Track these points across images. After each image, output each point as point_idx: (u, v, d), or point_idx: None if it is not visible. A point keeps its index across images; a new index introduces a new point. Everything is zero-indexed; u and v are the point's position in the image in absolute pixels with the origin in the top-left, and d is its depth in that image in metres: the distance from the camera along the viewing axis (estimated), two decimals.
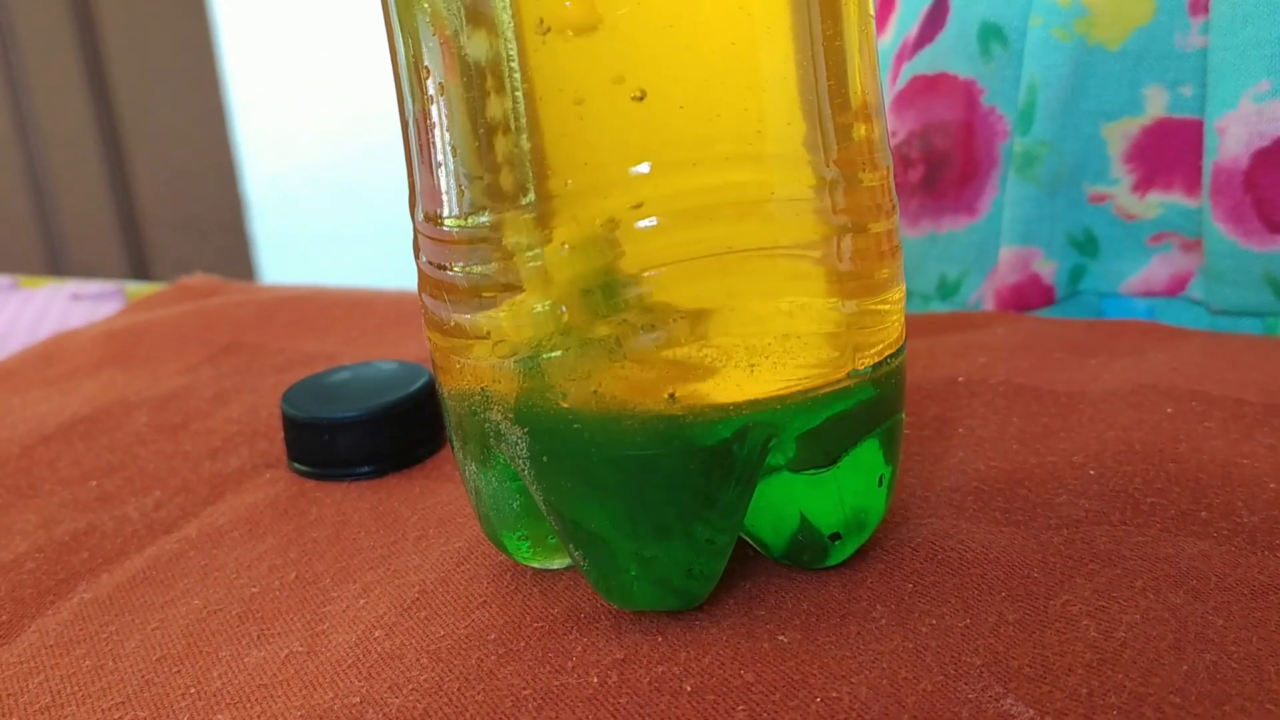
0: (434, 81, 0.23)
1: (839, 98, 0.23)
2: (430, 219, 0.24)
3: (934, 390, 0.35)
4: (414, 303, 0.49)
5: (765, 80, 0.22)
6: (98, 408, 0.40)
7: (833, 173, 0.23)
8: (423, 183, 0.24)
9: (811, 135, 0.22)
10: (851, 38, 0.23)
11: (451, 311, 0.24)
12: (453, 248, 0.23)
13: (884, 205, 0.24)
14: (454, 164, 0.23)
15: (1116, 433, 0.31)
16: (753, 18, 0.21)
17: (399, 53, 0.24)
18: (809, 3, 0.22)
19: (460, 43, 0.22)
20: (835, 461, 0.24)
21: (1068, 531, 0.27)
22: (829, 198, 0.22)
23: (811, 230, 0.22)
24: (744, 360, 0.22)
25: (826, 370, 0.23)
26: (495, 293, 0.23)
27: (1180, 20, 0.39)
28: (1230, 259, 0.40)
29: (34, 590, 0.29)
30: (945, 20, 0.44)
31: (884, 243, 0.24)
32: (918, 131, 0.45)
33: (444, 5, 0.22)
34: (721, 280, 0.22)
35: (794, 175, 0.22)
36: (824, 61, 0.22)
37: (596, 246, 0.22)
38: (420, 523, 0.31)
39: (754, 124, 0.22)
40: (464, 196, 0.23)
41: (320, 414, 0.34)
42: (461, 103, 0.22)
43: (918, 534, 0.27)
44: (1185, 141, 0.40)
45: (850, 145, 0.23)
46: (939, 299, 0.48)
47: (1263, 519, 0.27)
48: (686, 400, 0.22)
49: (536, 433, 0.23)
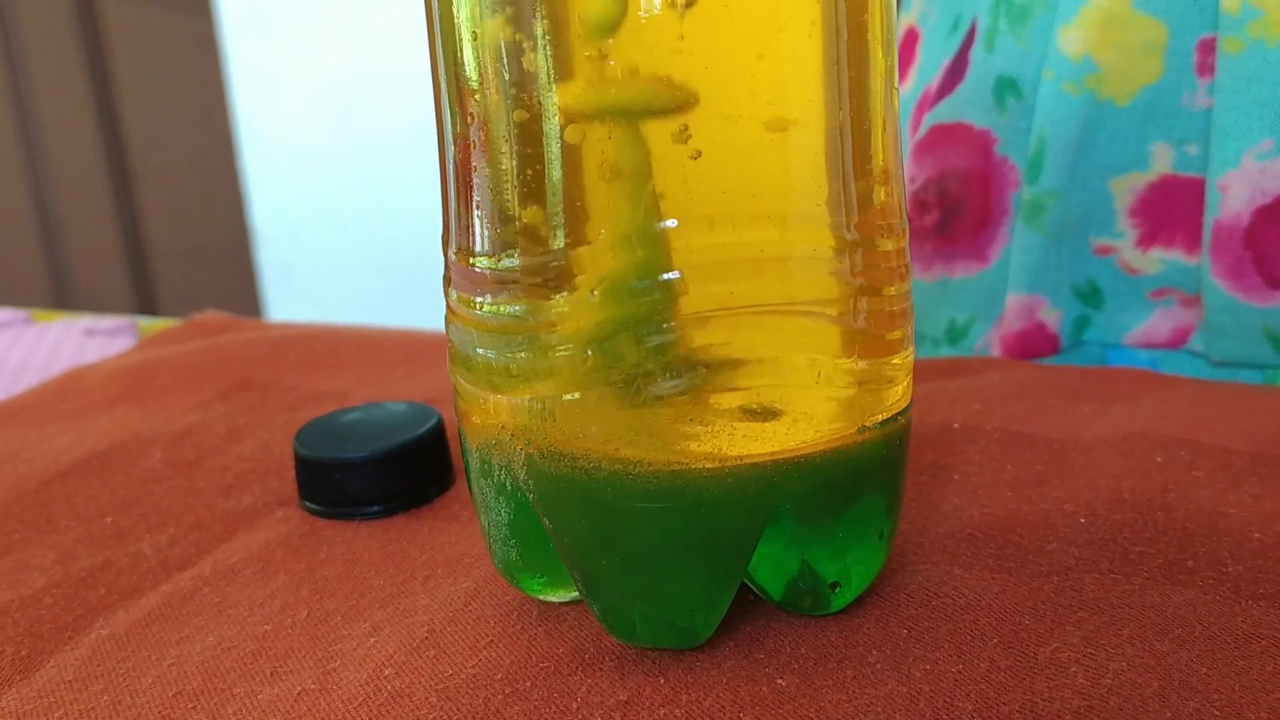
0: (476, 128, 0.23)
1: (863, 164, 0.24)
2: (462, 257, 0.25)
3: (930, 436, 0.36)
4: (422, 341, 0.50)
5: (795, 145, 0.23)
6: (113, 443, 0.41)
7: (853, 235, 0.24)
8: (457, 220, 0.25)
9: (835, 199, 0.23)
10: (877, 110, 0.24)
11: (477, 348, 0.25)
12: (483, 286, 0.24)
13: (899, 270, 0.25)
14: (490, 206, 0.24)
15: (1107, 481, 0.32)
16: (787, 86, 0.22)
17: (443, 94, 0.25)
18: (840, 76, 0.23)
19: (505, 90, 0.23)
20: (839, 514, 0.25)
21: (1058, 579, 0.28)
22: (848, 260, 0.24)
23: (830, 290, 0.23)
24: (759, 415, 0.23)
25: (838, 426, 0.24)
26: (521, 333, 0.24)
27: (1188, 80, 0.40)
28: (1229, 314, 0.41)
29: (52, 625, 0.30)
30: (965, 73, 0.45)
31: (897, 305, 0.25)
32: (934, 178, 0.47)
33: (490, 55, 0.23)
34: (742, 334, 0.23)
35: (816, 236, 0.23)
36: (851, 132, 0.23)
37: (623, 295, 0.23)
38: (429, 562, 0.32)
39: (781, 186, 0.23)
40: (497, 238, 0.24)
41: (332, 454, 0.35)
42: (502, 148, 0.23)
43: (913, 580, 0.28)
44: (1188, 199, 0.41)
45: (870, 210, 0.24)
46: (948, 344, 0.49)
47: (1247, 568, 0.28)
48: (700, 452, 0.23)
49: (551, 474, 0.24)
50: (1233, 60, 0.39)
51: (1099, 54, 0.41)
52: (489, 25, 0.23)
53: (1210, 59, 0.39)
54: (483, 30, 0.23)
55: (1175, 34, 0.40)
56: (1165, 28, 0.40)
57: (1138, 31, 0.40)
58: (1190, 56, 0.40)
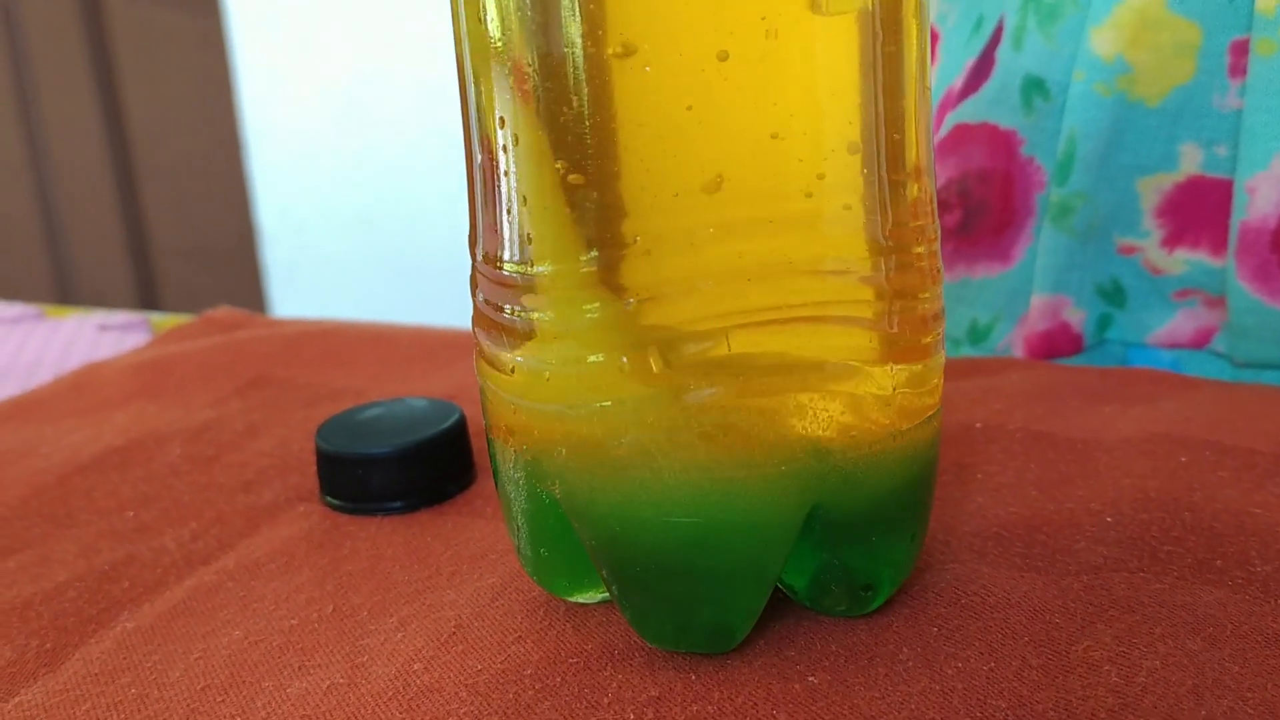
0: (507, 132, 0.23)
1: (896, 164, 0.24)
2: (490, 261, 0.25)
3: (952, 436, 0.36)
4: (437, 338, 0.50)
5: (829, 149, 0.23)
6: (131, 438, 0.41)
7: (888, 241, 0.24)
8: (485, 224, 0.25)
9: (870, 202, 0.23)
10: (910, 109, 0.24)
11: (507, 353, 0.25)
12: (512, 291, 0.24)
13: (931, 273, 0.25)
14: (521, 213, 0.24)
15: (1132, 480, 0.32)
16: (821, 104, 0.22)
17: (469, 96, 0.24)
18: (875, 76, 0.23)
19: (538, 97, 0.23)
20: (873, 518, 0.25)
21: (1087, 578, 0.28)
22: (883, 265, 0.23)
23: (865, 296, 0.23)
24: (795, 423, 0.23)
25: (873, 432, 0.24)
26: (551, 340, 0.24)
27: (1220, 81, 0.40)
28: (1254, 316, 0.41)
29: (76, 619, 0.30)
30: (990, 72, 0.45)
31: (930, 309, 0.25)
32: (956, 178, 0.46)
33: (525, 59, 0.22)
34: (776, 341, 0.23)
35: (851, 243, 0.23)
36: (884, 131, 0.23)
37: (657, 304, 0.23)
38: (454, 558, 0.31)
39: (815, 197, 0.23)
40: (528, 245, 0.24)
41: (354, 449, 0.35)
42: (534, 156, 0.23)
43: (941, 579, 0.28)
44: (1215, 200, 0.41)
45: (903, 212, 0.24)
46: (969, 344, 0.48)
47: (1275, 568, 0.28)
48: (734, 460, 0.23)
49: (584, 481, 0.24)
50: (1265, 62, 0.38)
51: (1131, 55, 0.41)
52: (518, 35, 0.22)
53: (1242, 60, 0.39)
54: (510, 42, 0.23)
55: (1209, 35, 0.40)
56: (1199, 28, 0.40)
57: (1172, 33, 0.40)
58: (1223, 58, 0.40)
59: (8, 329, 0.58)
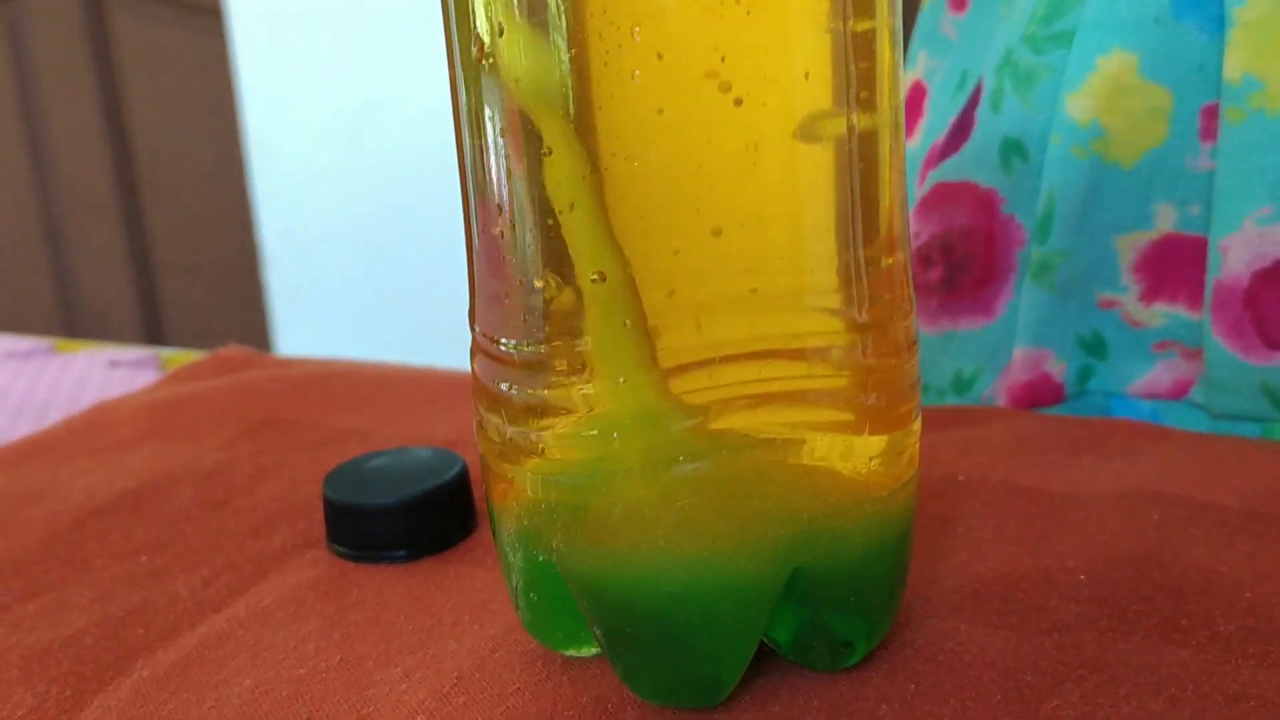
0: (505, 218, 0.25)
1: (871, 249, 0.25)
2: (488, 336, 0.26)
3: (937, 489, 0.37)
4: (442, 381, 0.51)
5: (807, 235, 0.24)
6: (143, 481, 0.43)
7: (864, 319, 0.25)
8: (483, 300, 0.26)
9: (846, 282, 0.25)
10: (886, 181, 0.25)
11: (504, 425, 0.26)
12: (508, 368, 0.26)
13: (908, 345, 0.26)
14: (519, 292, 0.25)
15: (1106, 537, 0.34)
16: (800, 189, 0.24)
17: (468, 174, 0.26)
18: (852, 166, 0.24)
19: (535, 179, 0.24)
20: (852, 579, 0.26)
21: (1058, 636, 0.29)
22: (860, 342, 0.25)
23: (843, 371, 0.25)
24: (776, 493, 0.25)
25: (852, 499, 0.25)
26: (547, 415, 0.25)
27: (1191, 144, 0.42)
28: (1229, 370, 0.42)
29: (94, 666, 0.32)
30: (970, 133, 0.47)
31: (907, 381, 0.26)
32: (940, 234, 0.48)
33: (524, 134, 0.24)
34: (759, 416, 0.24)
35: (829, 321, 0.25)
36: (861, 222, 0.25)
37: (649, 382, 0.24)
38: (456, 608, 0.33)
39: (796, 279, 0.24)
40: (524, 323, 0.25)
41: (360, 500, 0.36)
42: (528, 237, 0.24)
43: (919, 635, 0.29)
44: (1190, 257, 0.43)
45: (880, 285, 0.25)
46: (953, 394, 0.50)
47: (1238, 628, 0.29)
48: (720, 530, 0.25)
49: (576, 547, 0.25)
50: (1235, 128, 0.40)
51: (1106, 119, 0.42)
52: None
53: (1213, 124, 0.41)
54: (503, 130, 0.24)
55: (1180, 100, 0.41)
56: (1171, 94, 0.41)
57: (1144, 98, 0.42)
58: (1194, 121, 0.41)
59: (20, 364, 0.59)
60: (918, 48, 0.56)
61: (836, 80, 0.24)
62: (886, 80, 0.25)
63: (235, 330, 1.90)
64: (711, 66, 0.23)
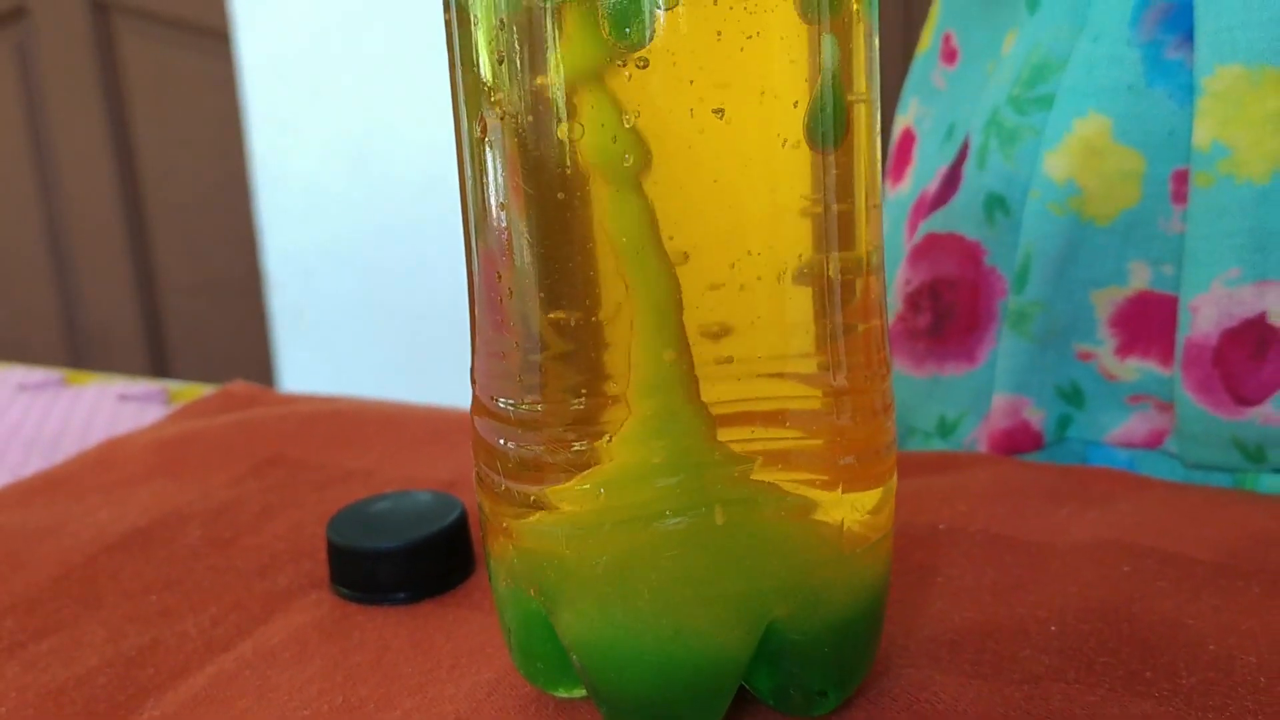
0: (504, 285, 0.26)
1: (848, 315, 0.27)
2: (487, 395, 0.28)
3: (918, 537, 0.39)
4: (444, 420, 0.53)
5: (790, 305, 0.26)
6: (153, 519, 0.44)
7: (841, 383, 0.27)
8: (482, 359, 0.28)
9: (822, 348, 0.26)
10: (863, 273, 0.27)
11: (500, 479, 0.28)
12: (506, 425, 0.27)
13: (883, 407, 0.28)
14: (517, 357, 0.27)
15: (1079, 589, 0.35)
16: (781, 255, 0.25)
17: (473, 247, 0.28)
18: (829, 234, 0.26)
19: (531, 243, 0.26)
20: (823, 634, 0.27)
21: (1028, 688, 0.30)
22: (837, 405, 0.26)
23: (820, 435, 0.26)
24: (753, 549, 0.26)
25: (827, 555, 0.27)
26: (541, 470, 0.27)
27: (1164, 206, 0.43)
28: (1200, 424, 0.44)
29: (107, 705, 0.33)
30: (958, 187, 0.48)
31: (883, 440, 0.28)
32: (928, 282, 0.50)
33: (517, 214, 0.26)
34: (742, 475, 0.26)
35: (807, 387, 0.26)
36: (839, 280, 0.26)
37: (638, 442, 0.26)
38: (454, 651, 0.34)
39: (778, 346, 0.26)
40: (520, 383, 0.27)
41: (363, 544, 0.37)
42: (528, 306, 0.26)
43: (897, 684, 0.31)
44: (1163, 315, 0.44)
45: (855, 350, 0.27)
46: (939, 438, 0.51)
47: (1199, 680, 0.30)
48: (699, 579, 0.26)
49: (563, 596, 0.27)
50: (1204, 193, 0.42)
51: (1082, 179, 0.44)
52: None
53: (1184, 188, 0.42)
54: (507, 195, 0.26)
55: (1152, 164, 0.43)
56: (1143, 158, 0.43)
57: (1117, 161, 0.43)
58: (1166, 185, 0.43)
59: (31, 397, 0.60)
60: (910, 95, 0.57)
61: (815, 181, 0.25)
62: (863, 177, 0.26)
63: (238, 350, 1.92)
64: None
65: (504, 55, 0.25)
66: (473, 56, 0.26)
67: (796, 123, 0.25)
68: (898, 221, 0.56)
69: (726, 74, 0.24)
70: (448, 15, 0.26)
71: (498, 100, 0.25)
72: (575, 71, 0.24)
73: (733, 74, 0.24)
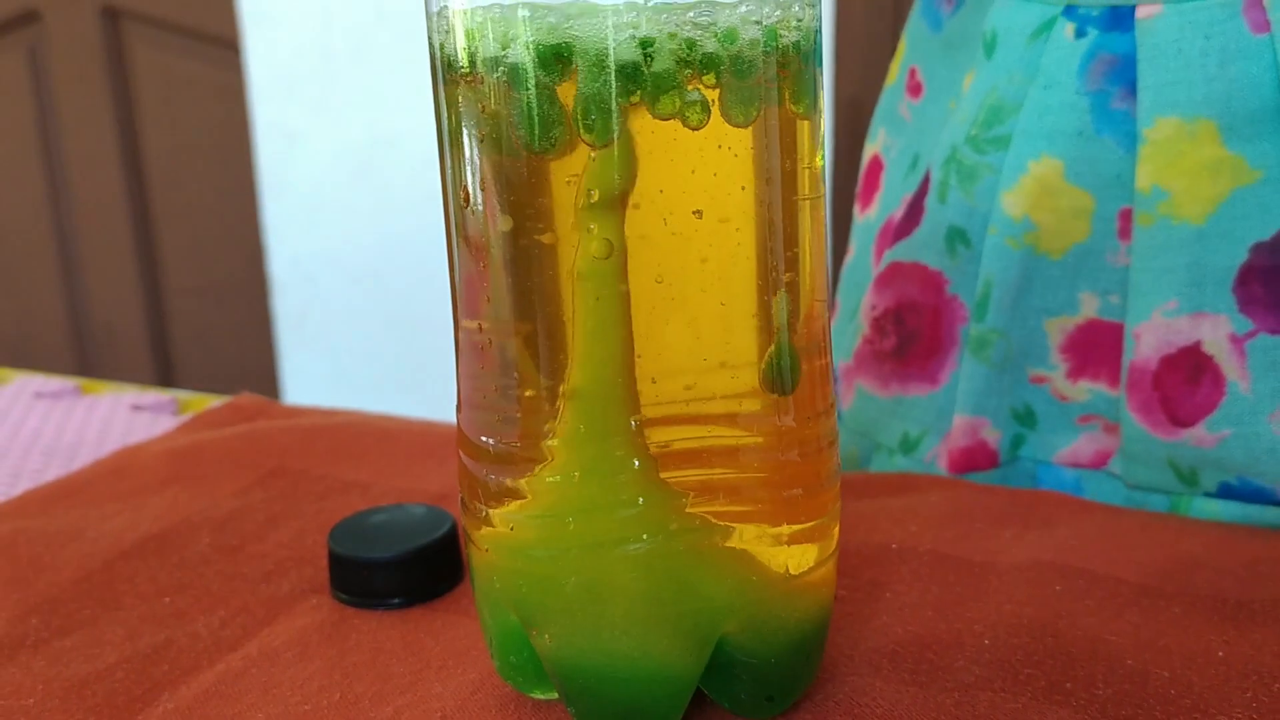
0: (487, 337, 0.30)
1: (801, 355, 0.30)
2: (469, 432, 0.31)
3: (871, 555, 0.42)
4: (439, 435, 0.56)
5: (737, 343, 0.29)
6: (166, 526, 0.48)
7: (787, 423, 0.30)
8: (464, 397, 0.31)
9: (777, 403, 0.30)
10: (810, 311, 0.30)
11: (481, 505, 0.31)
12: (485, 459, 0.31)
13: (827, 443, 0.31)
14: (492, 401, 0.30)
15: (1013, 606, 0.38)
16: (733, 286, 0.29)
17: (458, 279, 0.31)
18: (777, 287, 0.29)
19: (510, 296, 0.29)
20: (769, 648, 0.31)
21: (958, 695, 0.34)
22: (784, 440, 0.30)
23: (768, 470, 0.30)
24: (706, 571, 0.29)
25: (775, 578, 0.30)
26: (514, 499, 0.30)
27: (1111, 242, 0.47)
28: (1141, 444, 0.47)
29: (126, 698, 0.36)
30: (921, 218, 0.52)
31: (826, 472, 0.31)
32: (893, 308, 0.53)
33: (499, 263, 0.29)
34: (696, 505, 0.29)
35: (758, 427, 0.30)
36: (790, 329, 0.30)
37: (594, 476, 0.29)
38: (442, 653, 0.38)
39: (727, 387, 0.29)
40: (499, 425, 0.30)
41: (361, 554, 0.41)
42: (507, 348, 0.29)
43: (840, 690, 0.34)
44: (1110, 340, 0.48)
45: (802, 394, 0.30)
46: (901, 453, 0.55)
47: (1115, 691, 0.34)
48: (657, 597, 0.29)
49: (535, 611, 0.30)
50: (1145, 231, 0.45)
51: (1036, 216, 0.47)
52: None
53: (1129, 225, 0.46)
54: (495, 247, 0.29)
55: (1100, 203, 0.46)
56: (1093, 198, 0.46)
57: (1069, 199, 0.47)
58: (1113, 222, 0.46)
59: (49, 405, 0.64)
60: (878, 125, 0.61)
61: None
62: (808, 252, 0.30)
63: (242, 352, 1.95)
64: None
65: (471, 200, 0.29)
66: (460, 176, 0.29)
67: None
68: (865, 245, 0.59)
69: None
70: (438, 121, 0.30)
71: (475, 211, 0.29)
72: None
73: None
